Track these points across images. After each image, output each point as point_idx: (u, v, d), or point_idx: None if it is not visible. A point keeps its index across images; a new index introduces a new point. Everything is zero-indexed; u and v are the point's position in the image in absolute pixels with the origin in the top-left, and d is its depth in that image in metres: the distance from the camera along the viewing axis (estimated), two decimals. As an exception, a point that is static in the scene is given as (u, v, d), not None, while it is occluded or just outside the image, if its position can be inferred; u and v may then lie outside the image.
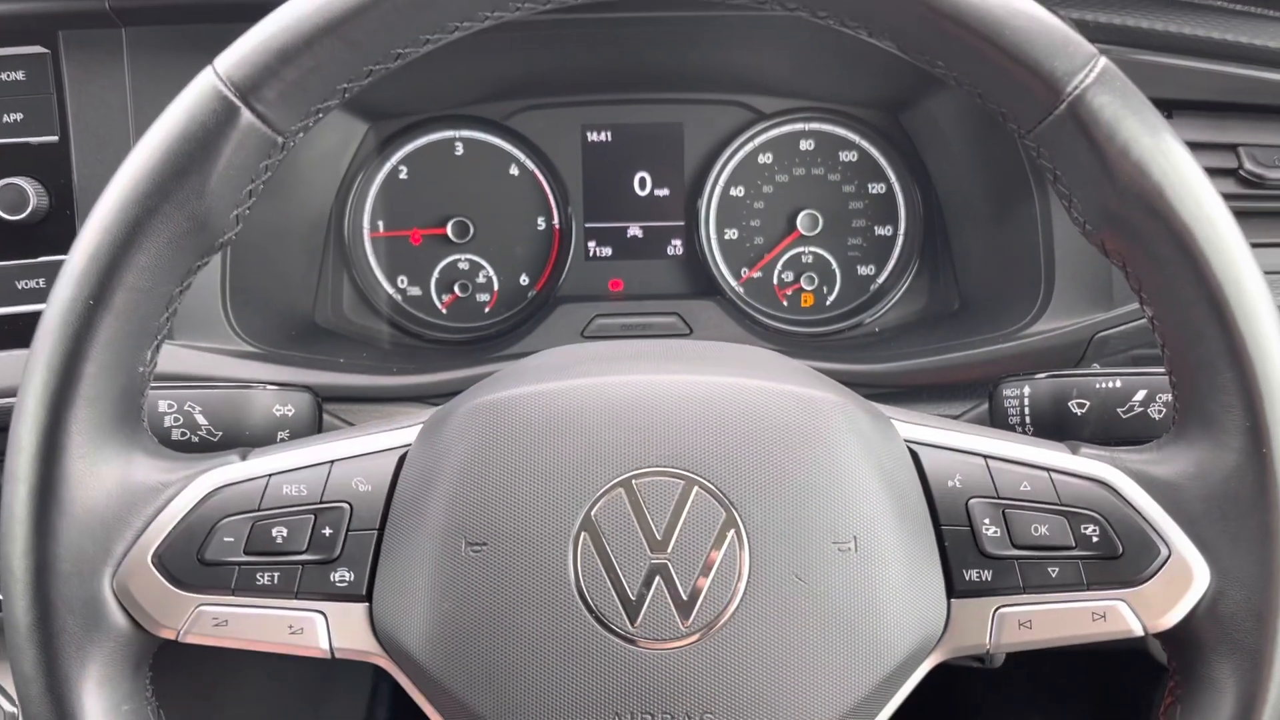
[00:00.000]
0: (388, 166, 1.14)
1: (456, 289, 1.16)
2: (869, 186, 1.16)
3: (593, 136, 1.15)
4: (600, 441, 0.56)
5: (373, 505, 0.58)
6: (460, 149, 1.15)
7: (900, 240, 1.16)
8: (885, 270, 1.17)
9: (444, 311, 1.17)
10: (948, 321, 1.11)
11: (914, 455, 0.60)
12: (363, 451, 0.60)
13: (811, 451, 0.57)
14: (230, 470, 0.59)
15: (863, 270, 1.17)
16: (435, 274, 1.16)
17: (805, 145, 1.15)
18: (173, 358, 0.91)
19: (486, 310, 1.17)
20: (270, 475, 0.59)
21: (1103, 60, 0.55)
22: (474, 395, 0.60)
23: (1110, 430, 0.75)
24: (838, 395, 0.60)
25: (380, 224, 1.15)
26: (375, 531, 0.58)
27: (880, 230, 1.16)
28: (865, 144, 1.15)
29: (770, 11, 0.58)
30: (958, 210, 1.12)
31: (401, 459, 0.60)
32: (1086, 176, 0.56)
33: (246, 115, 0.55)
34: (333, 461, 0.60)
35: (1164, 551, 0.56)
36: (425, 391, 0.96)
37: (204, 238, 0.57)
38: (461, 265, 1.16)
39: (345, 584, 0.57)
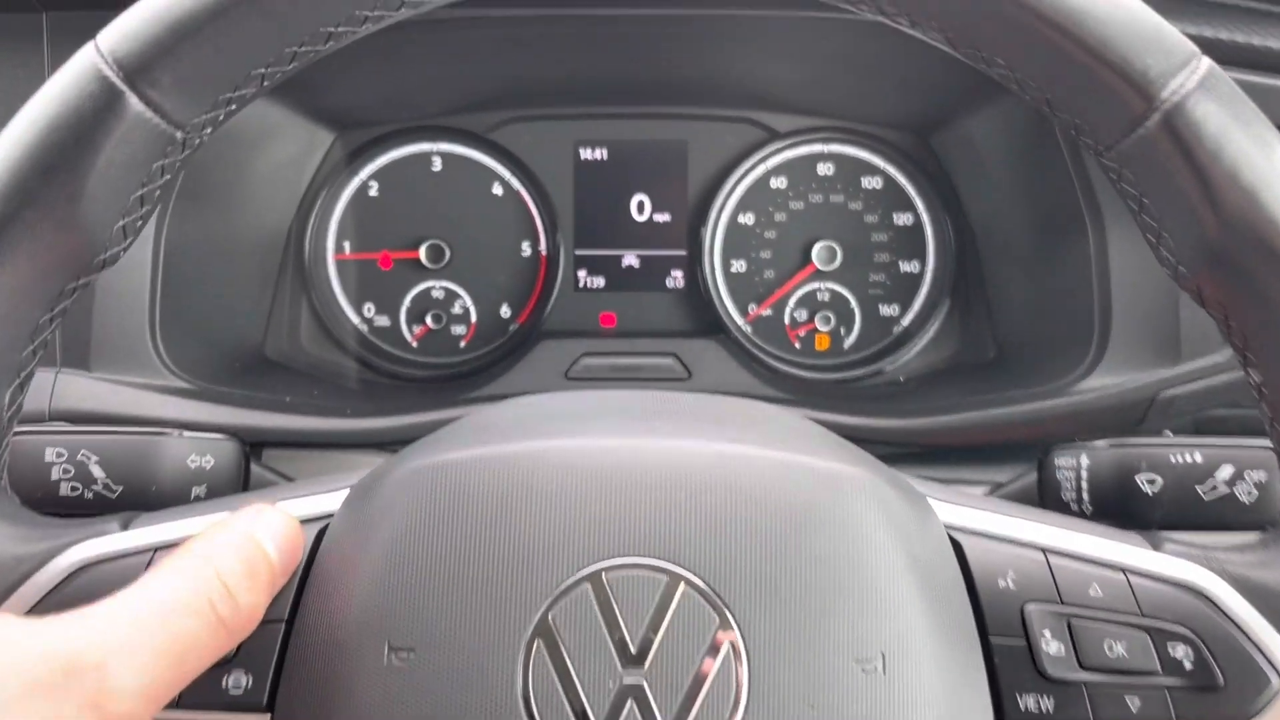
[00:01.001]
0: (356, 181, 1.12)
1: (429, 320, 1.11)
2: (894, 216, 1.11)
3: (586, 154, 1.12)
4: (564, 523, 0.49)
5: (280, 591, 0.51)
6: (437, 164, 1.11)
7: (928, 277, 1.12)
8: (911, 311, 1.12)
9: (414, 345, 1.12)
10: (982, 372, 1.06)
11: (956, 546, 0.53)
12: None
13: (830, 543, 0.49)
14: (104, 542, 0.52)
15: (885, 310, 1.12)
16: (406, 302, 1.11)
17: (823, 169, 1.11)
18: (83, 391, 0.85)
19: (462, 344, 1.13)
20: (155, 548, 0.52)
21: (1206, 61, 0.48)
22: (412, 456, 0.53)
23: (1188, 515, 0.68)
24: (864, 469, 0.52)
25: (346, 245, 1.12)
26: (282, 624, 0.50)
27: (906, 266, 1.12)
28: (891, 169, 1.11)
29: None
30: (995, 245, 1.08)
31: (322, 533, 0.52)
32: (1183, 205, 0.48)
33: (134, 102, 0.48)
34: None
35: (1275, 682, 0.49)
36: (385, 437, 0.92)
37: (79, 254, 0.49)
38: (435, 293, 1.11)
39: (240, 690, 0.50)
